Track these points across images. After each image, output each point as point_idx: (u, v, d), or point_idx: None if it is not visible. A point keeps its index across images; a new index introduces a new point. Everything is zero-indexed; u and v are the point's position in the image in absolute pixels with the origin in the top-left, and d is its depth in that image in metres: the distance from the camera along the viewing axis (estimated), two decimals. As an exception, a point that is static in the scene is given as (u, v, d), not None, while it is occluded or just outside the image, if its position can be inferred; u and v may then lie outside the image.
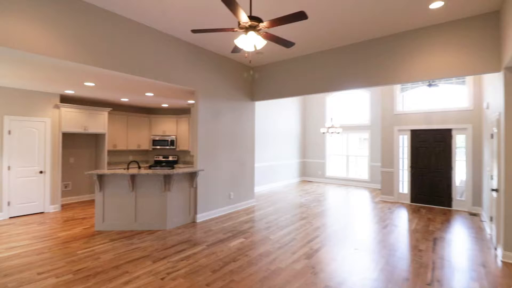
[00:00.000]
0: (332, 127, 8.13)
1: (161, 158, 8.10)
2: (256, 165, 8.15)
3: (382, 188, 7.15)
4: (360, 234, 4.54)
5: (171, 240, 4.17)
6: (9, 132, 5.19)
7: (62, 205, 6.22)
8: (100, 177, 4.56)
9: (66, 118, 5.90)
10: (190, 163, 8.05)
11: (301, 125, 10.52)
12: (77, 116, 6.07)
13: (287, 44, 3.40)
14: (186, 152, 8.19)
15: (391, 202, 6.88)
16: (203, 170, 5.02)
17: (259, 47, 3.08)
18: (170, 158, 8.13)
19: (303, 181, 10.31)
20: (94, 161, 6.98)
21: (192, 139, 5.55)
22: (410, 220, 5.34)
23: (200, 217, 5.20)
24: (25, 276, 3.06)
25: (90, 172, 4.47)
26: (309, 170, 10.51)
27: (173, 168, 7.70)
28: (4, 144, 5.13)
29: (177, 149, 7.97)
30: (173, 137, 7.91)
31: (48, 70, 3.90)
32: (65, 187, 6.50)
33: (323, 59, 5.34)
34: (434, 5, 3.64)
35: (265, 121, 8.61)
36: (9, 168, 5.19)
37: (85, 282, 2.96)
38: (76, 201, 6.68)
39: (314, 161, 10.38)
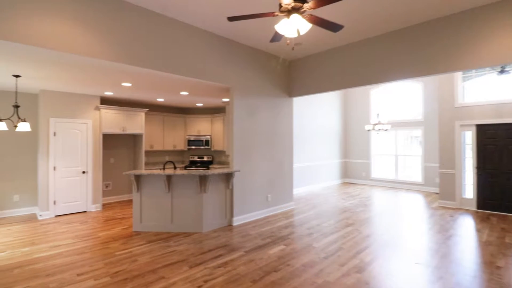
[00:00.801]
0: (378, 123, 7.42)
1: (196, 158, 8.05)
2: (293, 165, 7.71)
3: (441, 192, 6.30)
4: (418, 245, 3.92)
5: (207, 244, 3.95)
6: (54, 134, 5.41)
7: (103, 205, 6.38)
8: (138, 177, 4.50)
9: (106, 119, 6.04)
10: (225, 163, 7.88)
11: (342, 122, 9.85)
12: (116, 117, 6.18)
13: (335, 27, 2.98)
14: (221, 152, 8.05)
15: (453, 209, 6.02)
16: (239, 171, 4.75)
17: (303, 32, 2.71)
18: (205, 159, 8.03)
19: (345, 183, 9.63)
20: (132, 161, 7.10)
21: (227, 138, 5.32)
22: (479, 230, 4.55)
23: (237, 220, 4.94)
24: (65, 277, 3.01)
25: (127, 172, 4.43)
26: (351, 171, 9.81)
27: (208, 168, 7.59)
28: (50, 145, 5.35)
29: (212, 149, 7.85)
30: (208, 137, 7.80)
31: (88, 71, 3.90)
32: (106, 187, 6.68)
33: (369, 47, 4.79)
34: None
35: (302, 119, 8.15)
36: (54, 168, 5.40)
37: (122, 286, 2.83)
38: (116, 200, 6.84)
39: (357, 161, 9.65)
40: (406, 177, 8.58)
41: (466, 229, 4.63)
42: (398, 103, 8.68)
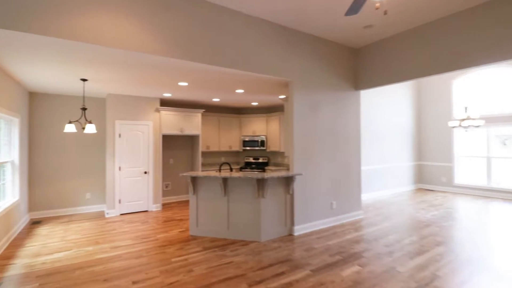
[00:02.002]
0: (467, 119, 6.08)
1: (251, 160, 7.75)
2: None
3: None
4: (556, 281, 2.85)
5: (267, 257, 3.50)
6: (119, 136, 5.61)
7: (163, 204, 6.47)
8: (194, 179, 4.31)
9: (165, 120, 6.09)
10: (281, 165, 7.40)
11: (415, 119, 8.49)
12: (174, 119, 6.21)
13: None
14: (277, 153, 7.59)
15: None
16: (301, 174, 4.20)
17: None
18: (260, 160, 7.67)
19: (419, 190, 8.28)
20: (190, 162, 7.12)
21: (286, 138, 4.82)
22: None
23: (298, 230, 4.40)
24: (121, 284, 2.87)
25: (184, 174, 4.26)
26: (427, 176, 8.39)
27: (263, 170, 7.21)
28: (116, 146, 5.57)
29: (268, 150, 7.44)
30: (263, 137, 7.42)
31: (148, 70, 3.82)
32: (166, 187, 6.79)
33: (455, 24, 3.78)
34: None
35: (367, 115, 7.19)
36: (120, 168, 5.61)
37: (175, 302, 2.54)
38: (175, 200, 6.90)
39: (435, 164, 8.20)
40: (503, 185, 6.91)
41: None
42: (489, 94, 7.05)
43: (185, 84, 4.70)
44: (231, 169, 4.74)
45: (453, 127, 6.70)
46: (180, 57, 3.35)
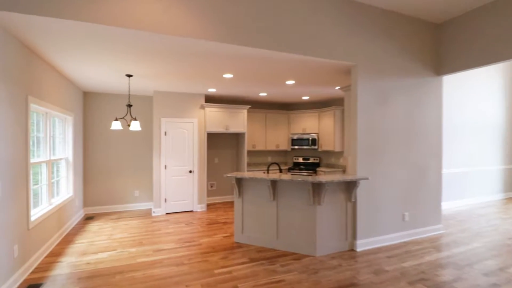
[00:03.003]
0: None
1: (300, 160, 7.10)
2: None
3: None
4: None
5: (326, 278, 2.87)
6: (165, 133, 5.49)
7: (207, 205, 6.22)
8: (239, 180, 3.88)
9: (210, 117, 5.82)
10: (335, 166, 6.62)
11: (507, 112, 6.90)
12: (219, 116, 5.90)
13: None
14: (330, 153, 6.82)
15: None
16: (367, 178, 3.47)
17: None
18: (311, 160, 6.99)
19: None
20: (235, 162, 6.78)
21: (346, 135, 4.12)
22: None
23: (361, 245, 3.67)
24: (160, 297, 2.55)
25: (228, 174, 3.85)
26: (520, 183, 6.76)
27: (314, 172, 6.51)
28: (162, 144, 5.45)
29: (319, 149, 6.72)
30: (314, 136, 6.72)
31: (193, 61, 3.49)
32: (210, 186, 6.54)
33: None
34: None
35: (445, 107, 5.98)
36: (165, 167, 5.48)
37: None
38: (220, 201, 6.62)
39: (532, 168, 6.55)
40: None
41: None
42: None
43: (230, 76, 4.30)
44: (280, 170, 4.21)
45: None
46: (230, 41, 2.92)
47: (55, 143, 4.27)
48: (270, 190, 3.63)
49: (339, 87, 5.19)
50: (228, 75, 4.27)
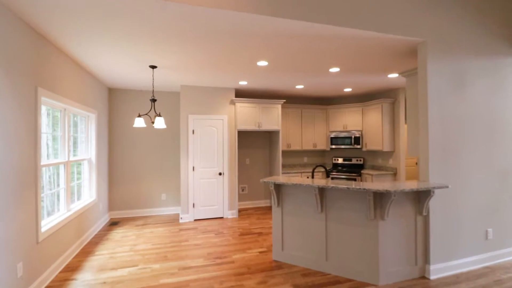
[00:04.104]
0: None
1: (340, 161, 6.31)
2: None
3: None
4: None
5: (400, 322, 2.14)
6: (193, 132, 5.01)
7: (239, 210, 5.66)
8: (278, 187, 3.25)
9: (241, 114, 5.25)
10: (382, 168, 5.75)
11: None
12: (250, 112, 5.31)
13: None
14: (377, 153, 5.96)
15: None
16: (447, 186, 2.66)
17: None
18: (354, 161, 6.16)
19: None
20: (268, 163, 6.16)
21: (411, 131, 3.33)
22: None
23: (436, 271, 2.86)
24: (185, 337, 1.99)
25: (266, 179, 3.23)
26: None
27: (359, 175, 5.69)
28: (189, 144, 4.98)
29: (364, 148, 5.89)
30: (357, 133, 5.90)
31: (221, 42, 2.93)
32: (242, 190, 5.98)
33: None
34: None
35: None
36: (193, 169, 5.00)
37: None
38: (252, 206, 6.04)
39: None
40: None
41: None
42: None
43: (265, 64, 3.68)
44: (327, 175, 3.50)
45: None
46: (270, 12, 2.31)
47: (76, 143, 3.94)
48: (317, 199, 2.95)
49: (392, 75, 4.36)
50: (262, 63, 3.66)
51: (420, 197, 2.84)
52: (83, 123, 4.17)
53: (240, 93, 5.77)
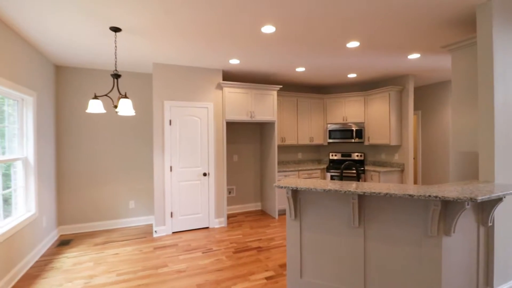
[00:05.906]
0: None
1: (337, 157, 5.64)
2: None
3: None
4: None
5: None
6: (170, 123, 3.99)
7: (227, 217, 4.74)
8: (295, 193, 2.41)
9: (230, 101, 4.32)
10: (386, 164, 5.17)
11: None
12: (241, 98, 4.41)
13: None
14: (380, 148, 5.36)
15: None
16: (531, 189, 2.00)
17: None
18: (355, 157, 5.52)
19: None
20: (258, 160, 5.30)
21: (462, 119, 2.67)
22: None
23: (503, 297, 2.23)
24: None
25: (281, 184, 2.37)
26: None
27: (362, 172, 5.06)
28: (166, 137, 3.95)
29: (366, 142, 5.26)
30: (360, 126, 5.26)
31: (216, 4, 2.00)
32: (229, 193, 5.07)
33: None
34: None
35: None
36: (171, 169, 3.99)
37: None
38: (241, 211, 5.15)
39: None
40: None
41: None
42: None
43: (272, 29, 2.80)
44: (358, 178, 2.72)
45: None
46: None
47: (3, 136, 2.76)
48: (354, 210, 2.16)
49: (412, 56, 3.71)
50: (268, 28, 2.77)
51: (484, 203, 2.17)
52: (15, 110, 2.99)
53: (228, 77, 4.82)
